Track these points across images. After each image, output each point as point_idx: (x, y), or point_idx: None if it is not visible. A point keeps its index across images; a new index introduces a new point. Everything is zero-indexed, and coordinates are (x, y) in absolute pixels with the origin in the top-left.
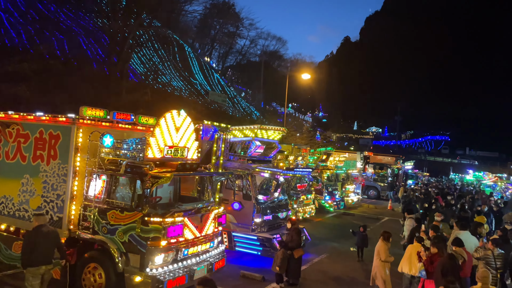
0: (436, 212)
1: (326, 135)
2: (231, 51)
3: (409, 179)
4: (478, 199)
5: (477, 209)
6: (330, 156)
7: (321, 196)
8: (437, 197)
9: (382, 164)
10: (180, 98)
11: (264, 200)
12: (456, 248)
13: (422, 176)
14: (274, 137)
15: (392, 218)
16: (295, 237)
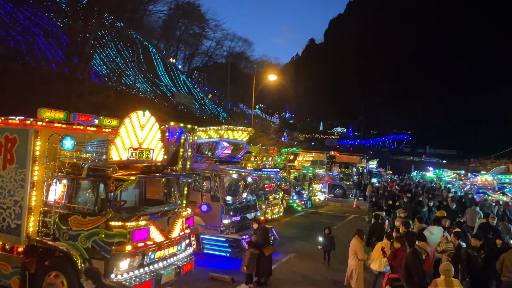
0: (400, 208)
1: (293, 136)
2: (197, 52)
3: (373, 177)
4: (438, 195)
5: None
6: (297, 156)
7: (289, 196)
8: (400, 194)
9: (347, 163)
10: (145, 100)
11: (232, 201)
12: (419, 242)
13: (385, 174)
14: (241, 138)
15: (357, 216)
16: (263, 236)
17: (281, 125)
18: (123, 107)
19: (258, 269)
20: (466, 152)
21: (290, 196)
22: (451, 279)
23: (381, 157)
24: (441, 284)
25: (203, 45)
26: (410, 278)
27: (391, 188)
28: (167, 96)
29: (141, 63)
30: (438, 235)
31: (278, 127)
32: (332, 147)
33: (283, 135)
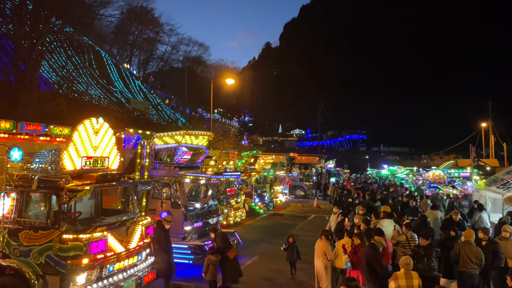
0: (359, 205)
1: (253, 139)
2: (152, 57)
3: (332, 177)
4: (394, 191)
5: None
6: (258, 159)
7: (250, 199)
8: (358, 191)
9: (306, 164)
10: (98, 107)
11: (193, 206)
12: (376, 237)
13: (343, 173)
14: (201, 143)
15: (318, 215)
16: (223, 240)
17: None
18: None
19: (226, 273)
20: (417, 149)
21: (252, 199)
22: (410, 272)
23: (338, 156)
24: (401, 277)
25: (158, 49)
26: (373, 273)
27: (347, 186)
28: (122, 103)
29: (94, 69)
30: (390, 228)
31: (237, 131)
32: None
33: (243, 138)
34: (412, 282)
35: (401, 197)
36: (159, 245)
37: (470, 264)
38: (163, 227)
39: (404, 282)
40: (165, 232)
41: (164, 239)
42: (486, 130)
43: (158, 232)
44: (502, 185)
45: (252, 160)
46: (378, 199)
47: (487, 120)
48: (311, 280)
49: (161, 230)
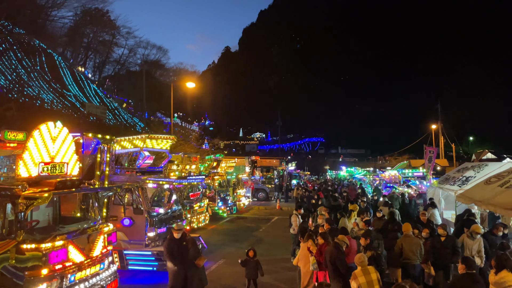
0: (322, 206)
1: (214, 143)
2: (108, 60)
3: (293, 179)
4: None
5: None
6: (220, 162)
7: (214, 203)
8: (319, 193)
9: (268, 167)
10: (51, 112)
11: (157, 212)
12: (340, 236)
13: (304, 175)
14: (163, 147)
15: (281, 217)
16: (192, 248)
17: (201, 133)
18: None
19: (193, 282)
20: (373, 151)
21: (215, 203)
22: (367, 267)
23: (299, 159)
24: (359, 274)
25: (115, 52)
26: (336, 271)
27: (310, 188)
28: (77, 107)
29: (46, 72)
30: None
31: (198, 135)
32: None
33: (204, 142)
34: (370, 277)
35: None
36: (172, 258)
37: (412, 256)
38: (173, 238)
39: (364, 279)
40: (176, 243)
41: (177, 250)
42: (436, 131)
43: (168, 244)
44: (454, 182)
45: (215, 163)
46: (339, 198)
47: (437, 122)
48: (281, 283)
49: (172, 241)
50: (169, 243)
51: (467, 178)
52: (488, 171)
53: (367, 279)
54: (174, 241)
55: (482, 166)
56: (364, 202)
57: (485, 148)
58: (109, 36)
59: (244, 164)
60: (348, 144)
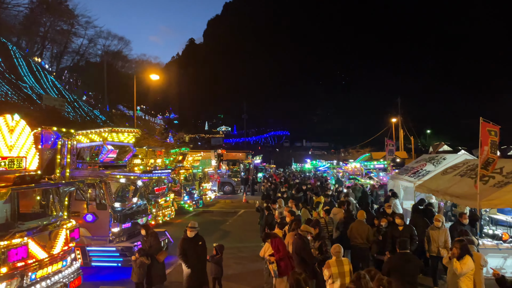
0: (289, 199)
1: (179, 137)
2: (66, 50)
3: (259, 172)
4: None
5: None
6: (186, 156)
7: (179, 197)
8: (285, 185)
9: (234, 160)
10: (5, 104)
11: (121, 207)
12: (303, 226)
13: (269, 168)
14: (127, 140)
15: (248, 210)
16: (154, 241)
17: (165, 126)
18: None
19: (151, 277)
20: (336, 144)
21: (181, 197)
22: (341, 259)
23: (264, 152)
24: (333, 264)
25: (73, 43)
26: (302, 261)
27: (276, 181)
28: (33, 99)
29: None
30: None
31: (162, 128)
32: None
33: (169, 136)
34: (343, 269)
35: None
36: (185, 260)
37: (359, 239)
38: (187, 237)
39: (336, 269)
40: (191, 243)
41: (192, 250)
42: (396, 125)
43: (182, 244)
44: (413, 173)
45: (181, 157)
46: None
47: (397, 116)
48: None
49: (185, 241)
50: (182, 242)
51: (426, 171)
52: (445, 163)
53: (339, 270)
54: (188, 240)
55: (440, 160)
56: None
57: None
58: (67, 26)
59: (210, 158)
60: (313, 137)
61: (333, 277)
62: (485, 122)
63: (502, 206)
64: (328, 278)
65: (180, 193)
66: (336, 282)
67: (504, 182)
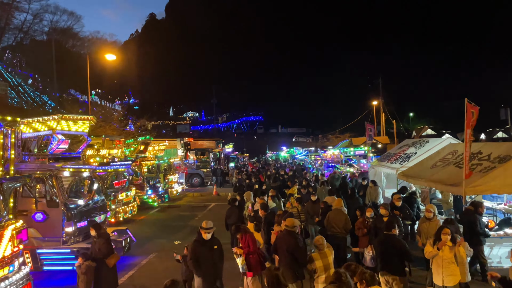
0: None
1: (140, 124)
2: (7, 27)
3: (231, 162)
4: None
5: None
6: (149, 146)
7: (142, 192)
8: (259, 176)
9: (203, 149)
10: None
11: (75, 204)
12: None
13: (242, 157)
14: (81, 129)
15: (219, 204)
16: (104, 243)
17: (124, 113)
18: None
19: (100, 284)
20: (314, 129)
21: (144, 192)
22: (324, 251)
23: (236, 140)
24: (317, 258)
25: (15, 18)
26: (293, 262)
27: (250, 171)
28: None
29: None
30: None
31: (121, 115)
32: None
33: (128, 123)
34: (327, 261)
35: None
36: (197, 267)
37: (336, 228)
38: (201, 239)
39: (321, 263)
40: (205, 247)
41: (206, 256)
42: (377, 108)
43: (194, 248)
44: (395, 160)
45: (142, 147)
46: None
47: (378, 98)
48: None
49: (199, 244)
50: (195, 246)
51: (408, 156)
52: (429, 147)
53: (324, 262)
54: (202, 243)
55: (423, 143)
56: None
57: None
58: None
59: (175, 147)
60: (288, 122)
61: (318, 271)
62: (470, 104)
63: (488, 192)
64: (313, 273)
65: (142, 186)
66: (321, 276)
67: (490, 167)
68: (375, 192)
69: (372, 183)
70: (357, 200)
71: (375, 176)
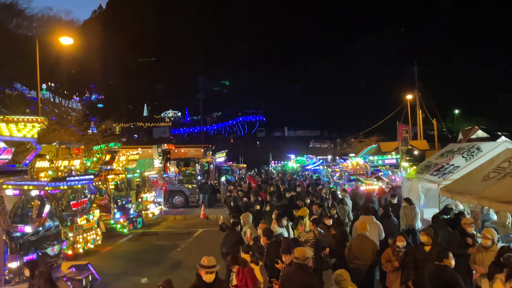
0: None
1: (106, 127)
2: None
3: (224, 175)
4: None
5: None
6: (116, 155)
7: (108, 215)
8: (260, 192)
9: (187, 159)
10: None
11: (21, 231)
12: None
13: (238, 169)
14: (28, 134)
15: (208, 229)
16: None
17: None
18: None
19: None
20: (331, 132)
21: (111, 215)
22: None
23: (230, 146)
24: None
25: None
26: None
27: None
28: None
29: None
30: None
31: (81, 116)
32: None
33: (90, 126)
34: None
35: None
36: None
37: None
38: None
39: None
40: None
41: None
42: (412, 104)
43: None
44: (436, 171)
45: (108, 157)
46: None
47: (414, 91)
48: None
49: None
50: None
51: (452, 165)
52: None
53: None
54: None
55: (472, 149)
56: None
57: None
58: None
59: (151, 157)
60: (298, 123)
61: None
62: None
63: None
64: None
65: (108, 208)
66: None
67: None
68: (412, 213)
69: (406, 201)
70: (391, 223)
71: (410, 193)
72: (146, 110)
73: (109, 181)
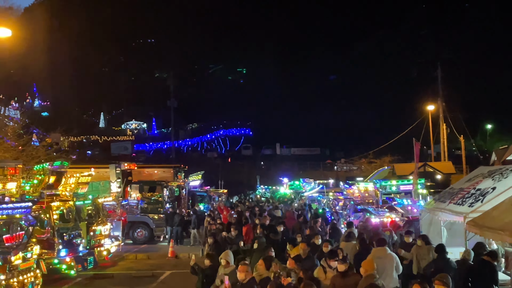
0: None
1: (52, 140)
2: None
3: (199, 203)
4: None
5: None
6: (63, 176)
7: (51, 252)
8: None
9: (153, 182)
10: None
11: None
12: None
13: (217, 195)
14: None
15: (177, 272)
16: None
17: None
18: None
19: None
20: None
21: (54, 252)
22: None
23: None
24: None
25: None
26: None
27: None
28: None
29: None
30: None
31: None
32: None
33: (32, 139)
34: None
35: None
36: None
37: None
38: None
39: None
40: None
41: None
42: (434, 116)
43: None
44: (461, 198)
45: (53, 179)
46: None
47: (436, 100)
48: None
49: None
50: None
51: (481, 192)
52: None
53: None
54: None
55: (505, 172)
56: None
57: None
58: None
59: (108, 179)
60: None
61: None
62: None
63: None
64: None
65: (52, 244)
66: None
67: None
68: (427, 254)
69: (422, 239)
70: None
71: (430, 227)
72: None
73: (53, 210)
